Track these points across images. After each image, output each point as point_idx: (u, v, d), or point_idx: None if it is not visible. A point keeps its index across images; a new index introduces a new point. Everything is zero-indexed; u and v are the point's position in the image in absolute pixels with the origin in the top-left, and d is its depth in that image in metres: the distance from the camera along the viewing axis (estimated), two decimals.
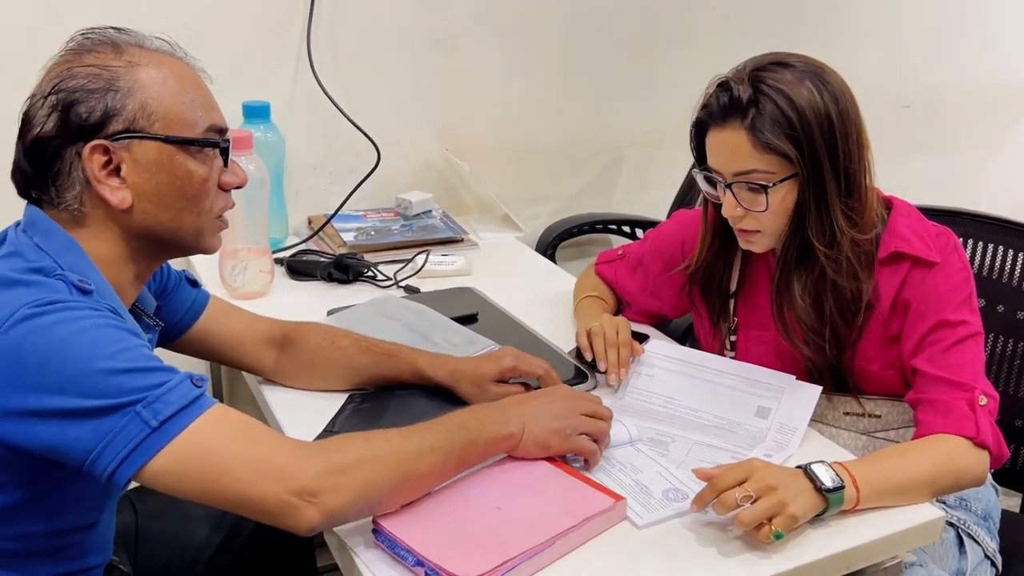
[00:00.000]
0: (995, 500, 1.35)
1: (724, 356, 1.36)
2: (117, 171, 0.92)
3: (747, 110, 1.14)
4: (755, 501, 0.96)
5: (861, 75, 2.60)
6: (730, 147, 1.17)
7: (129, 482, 0.84)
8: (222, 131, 0.99)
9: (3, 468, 0.88)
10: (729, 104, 1.16)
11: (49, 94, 0.91)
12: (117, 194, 0.93)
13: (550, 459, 1.05)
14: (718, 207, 1.24)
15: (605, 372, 1.28)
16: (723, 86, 1.18)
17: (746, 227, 1.22)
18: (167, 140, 0.93)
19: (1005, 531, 1.34)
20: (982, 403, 1.14)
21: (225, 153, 0.99)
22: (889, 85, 2.50)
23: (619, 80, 2.15)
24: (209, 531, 1.26)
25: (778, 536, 0.95)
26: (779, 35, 2.17)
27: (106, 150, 0.91)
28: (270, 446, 0.87)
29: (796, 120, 1.13)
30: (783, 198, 1.17)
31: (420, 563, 0.88)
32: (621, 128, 2.19)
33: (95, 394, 0.82)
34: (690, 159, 1.28)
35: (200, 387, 0.87)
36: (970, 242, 1.57)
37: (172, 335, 1.18)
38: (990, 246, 1.56)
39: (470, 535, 0.91)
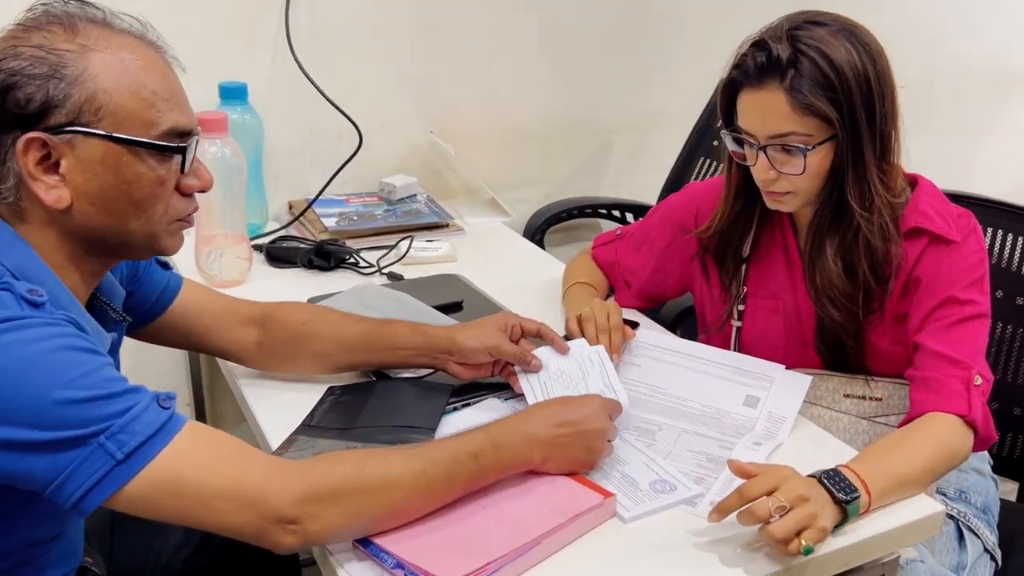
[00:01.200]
0: (994, 493, 1.33)
1: (730, 325, 1.33)
2: (57, 167, 0.83)
3: (786, 70, 1.11)
4: (787, 512, 0.90)
5: None
6: (767, 108, 1.13)
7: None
8: (185, 133, 0.88)
9: None
10: (768, 63, 1.12)
11: None
12: (52, 193, 0.83)
13: None
14: (742, 168, 1.20)
15: None
16: (759, 45, 1.13)
17: (777, 189, 1.18)
18: (114, 139, 0.83)
19: (1003, 521, 1.32)
20: (977, 383, 1.11)
21: (185, 158, 0.89)
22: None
23: (609, 61, 2.10)
24: (187, 529, 1.20)
25: (808, 551, 0.89)
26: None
27: (44, 143, 0.82)
28: (246, 469, 0.81)
29: (836, 80, 1.10)
30: (820, 160, 1.14)
31: (400, 565, 0.84)
32: (611, 110, 2.14)
33: (54, 426, 0.76)
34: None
35: (167, 408, 0.81)
36: None
37: (144, 321, 1.11)
38: (989, 230, 1.53)
39: (453, 535, 0.87)
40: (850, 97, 1.11)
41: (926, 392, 1.13)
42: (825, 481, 0.95)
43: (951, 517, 1.23)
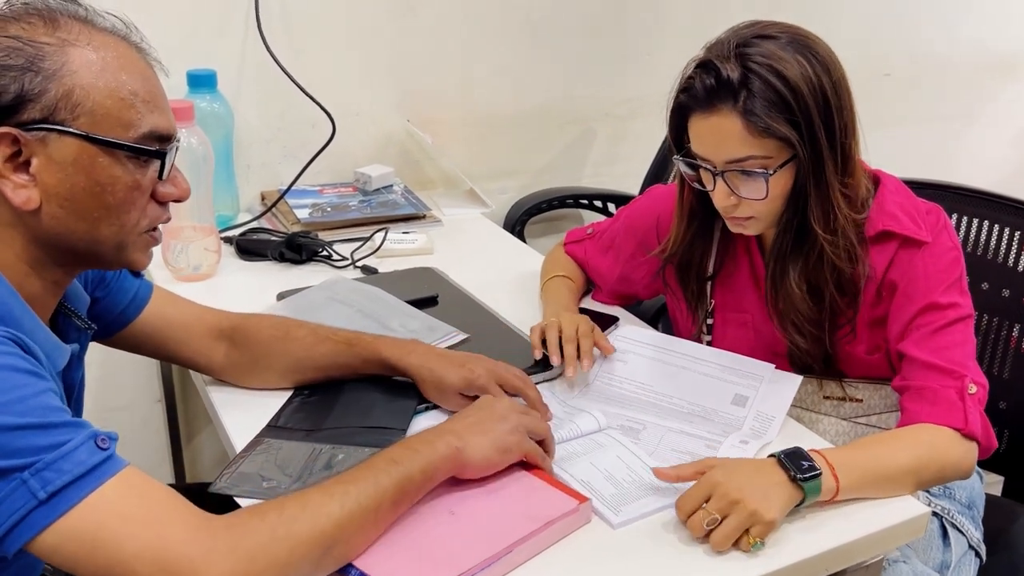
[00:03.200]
0: (979, 488, 1.31)
1: (701, 339, 1.30)
2: (27, 165, 0.79)
3: (738, 92, 1.05)
4: (723, 520, 0.89)
5: (841, 42, 2.51)
6: (722, 133, 1.07)
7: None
8: (165, 138, 0.84)
9: None
10: (717, 86, 1.06)
11: None
12: (21, 193, 0.79)
13: None
14: (696, 191, 1.16)
15: (560, 366, 1.19)
16: (706, 66, 1.07)
17: (739, 215, 1.14)
18: (91, 139, 0.79)
19: (988, 516, 1.30)
20: (972, 392, 1.08)
21: (164, 164, 0.85)
22: (870, 51, 2.43)
23: (589, 48, 2.06)
24: None
25: (758, 547, 0.89)
26: (753, 3, 2.10)
27: (15, 140, 0.77)
28: (174, 529, 0.73)
29: (792, 98, 1.04)
30: (783, 182, 1.10)
31: None
32: (591, 99, 2.10)
33: None
34: (662, 130, 1.19)
35: (106, 448, 0.74)
36: (953, 217, 1.51)
37: (112, 330, 1.07)
38: (975, 221, 1.50)
39: (419, 545, 0.84)
40: (808, 114, 1.05)
41: (920, 403, 1.09)
42: (783, 459, 0.94)
43: (935, 514, 1.21)
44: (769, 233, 1.19)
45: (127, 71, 0.82)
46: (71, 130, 0.79)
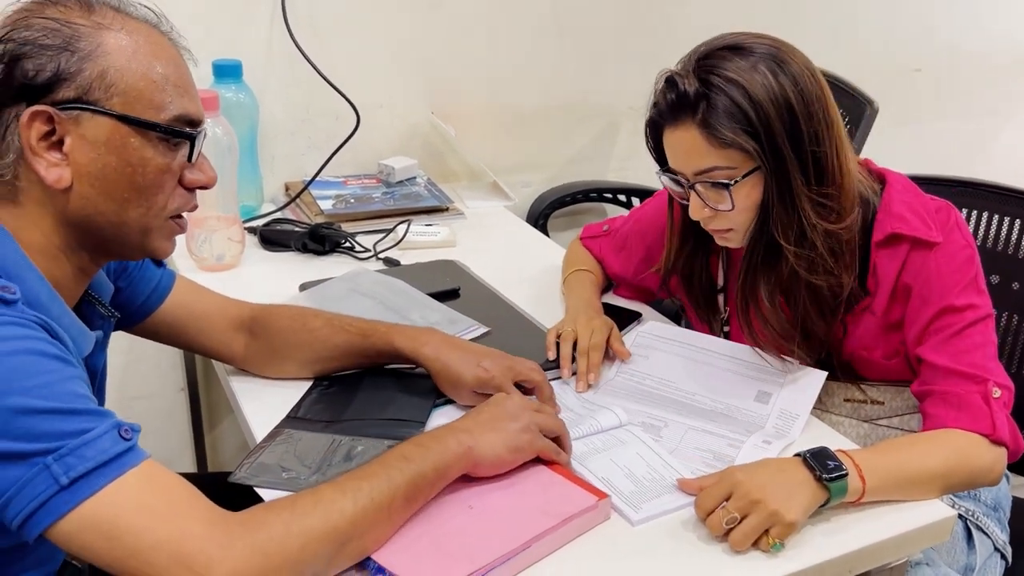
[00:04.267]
0: (1005, 489, 1.28)
1: None
2: (60, 145, 0.80)
3: (696, 105, 1.05)
4: (743, 520, 0.88)
5: (870, 35, 2.48)
6: (686, 146, 1.08)
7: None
8: (194, 123, 0.86)
9: None
10: (677, 100, 1.07)
11: None
12: (53, 171, 0.80)
13: None
14: (685, 207, 1.16)
15: (568, 378, 1.19)
16: (669, 82, 1.09)
17: (716, 227, 1.13)
18: (123, 119, 0.80)
19: (1014, 518, 1.28)
20: (996, 395, 1.06)
21: (193, 147, 0.86)
22: (900, 46, 2.39)
23: (615, 41, 2.04)
24: None
25: (777, 548, 0.88)
26: None
27: (50, 118, 0.79)
28: (191, 523, 0.74)
29: (751, 109, 1.04)
30: (748, 193, 1.08)
31: (381, 570, 0.80)
32: (617, 91, 2.08)
33: (2, 435, 0.70)
34: None
35: (129, 439, 0.75)
36: (984, 214, 1.48)
37: (135, 319, 1.08)
38: (1006, 219, 1.47)
39: (437, 539, 0.84)
40: (768, 124, 1.04)
41: (945, 408, 1.07)
42: (808, 458, 0.93)
43: (960, 516, 1.19)
44: None
45: (158, 56, 0.83)
46: (104, 110, 0.80)
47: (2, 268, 0.80)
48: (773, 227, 1.09)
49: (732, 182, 1.07)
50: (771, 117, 1.04)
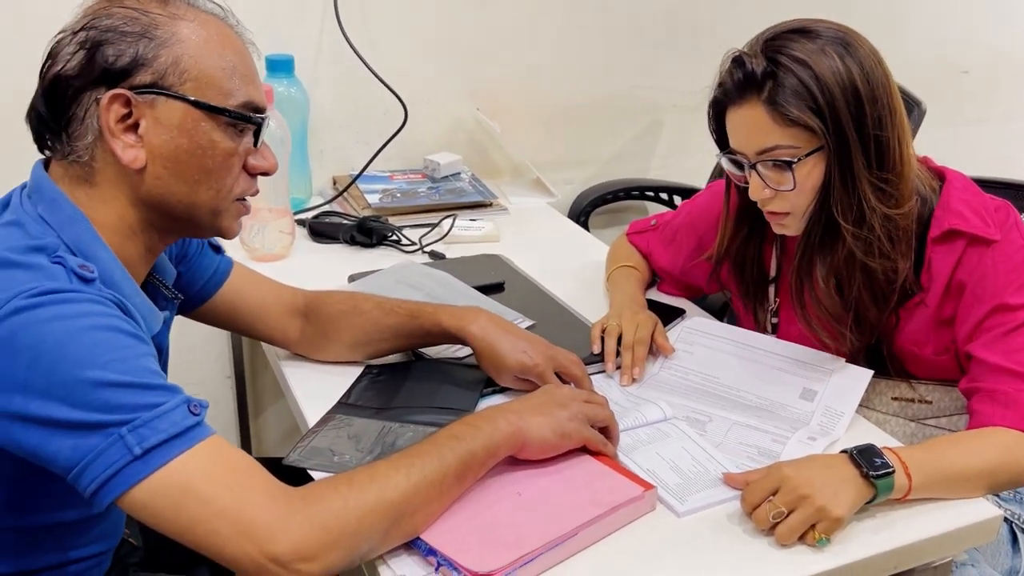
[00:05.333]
0: None
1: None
2: (135, 128, 0.84)
3: (763, 83, 1.07)
4: (789, 514, 0.89)
5: (917, 36, 2.45)
6: (750, 124, 1.09)
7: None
8: (259, 110, 0.90)
9: None
10: (744, 79, 1.08)
11: (79, 30, 0.84)
12: (130, 152, 0.84)
13: None
14: (742, 191, 1.16)
15: (612, 372, 1.20)
16: (737, 61, 1.10)
17: (775, 209, 1.14)
18: (196, 104, 0.85)
19: None
20: None
21: (258, 132, 0.90)
22: (947, 48, 2.36)
23: (660, 37, 2.05)
24: None
25: (823, 543, 0.89)
26: None
27: (127, 102, 0.83)
28: (255, 495, 0.77)
29: (817, 89, 1.05)
30: (809, 173, 1.09)
31: (433, 552, 0.82)
32: (662, 88, 2.09)
33: (81, 405, 0.74)
34: None
35: (197, 415, 0.78)
36: None
37: (193, 303, 1.12)
38: None
39: (487, 524, 0.85)
40: (834, 104, 1.05)
41: (992, 405, 1.07)
42: (855, 455, 0.93)
43: (1005, 519, 1.18)
44: None
45: (227, 46, 0.88)
46: (178, 94, 0.85)
47: (80, 247, 0.84)
48: (833, 206, 1.09)
49: (795, 160, 1.08)
50: (837, 97, 1.05)
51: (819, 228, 1.12)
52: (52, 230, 0.84)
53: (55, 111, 0.85)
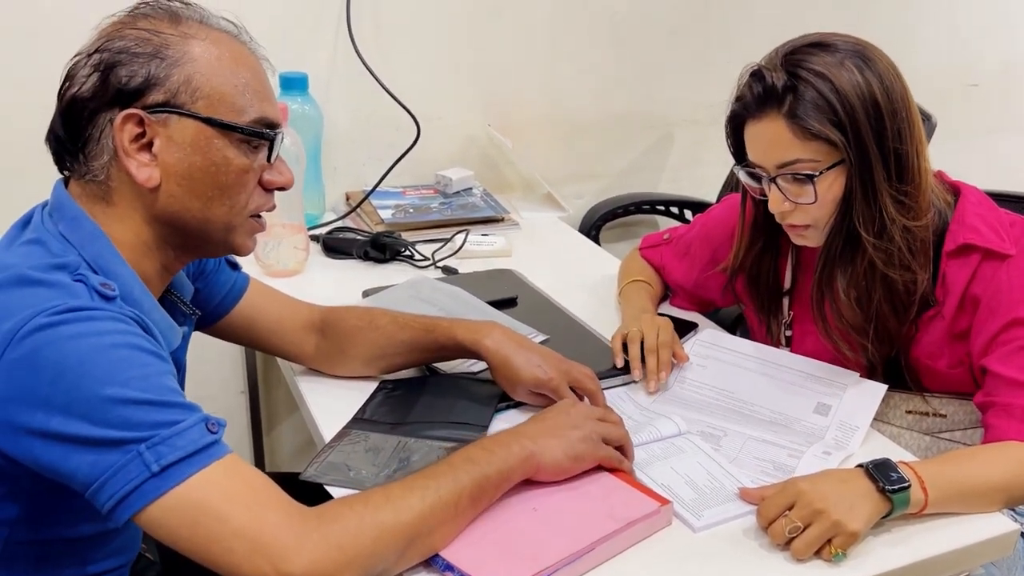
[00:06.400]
0: None
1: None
2: (149, 147, 0.86)
3: (783, 97, 1.07)
4: (805, 529, 0.89)
5: (926, 50, 2.46)
6: (769, 138, 1.09)
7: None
8: (273, 126, 0.91)
9: (7, 479, 0.82)
10: (764, 93, 1.08)
11: (93, 52, 0.85)
12: (144, 171, 0.86)
13: None
14: (759, 203, 1.17)
15: (641, 379, 1.21)
16: (756, 75, 1.10)
17: (795, 222, 1.14)
18: (208, 121, 0.86)
19: None
20: None
21: (272, 148, 0.91)
22: (956, 61, 2.37)
23: (671, 52, 2.06)
24: None
25: (839, 558, 0.89)
26: (845, 4, 2.07)
27: (141, 121, 0.84)
28: (271, 513, 0.77)
29: (837, 102, 1.06)
30: (830, 187, 1.10)
31: (450, 567, 0.83)
32: (672, 103, 2.10)
33: (101, 422, 0.75)
34: None
35: (215, 433, 0.79)
36: None
37: (210, 319, 1.13)
38: None
39: (503, 538, 0.86)
40: (855, 118, 1.06)
41: (1008, 419, 1.07)
42: (871, 470, 0.93)
43: (1022, 534, 1.18)
44: None
45: (239, 63, 0.89)
46: (190, 112, 0.86)
47: (100, 265, 0.85)
48: (855, 219, 1.10)
49: (816, 173, 1.08)
50: (857, 111, 1.06)
51: (840, 240, 1.13)
52: (73, 248, 0.85)
53: (72, 132, 0.86)
